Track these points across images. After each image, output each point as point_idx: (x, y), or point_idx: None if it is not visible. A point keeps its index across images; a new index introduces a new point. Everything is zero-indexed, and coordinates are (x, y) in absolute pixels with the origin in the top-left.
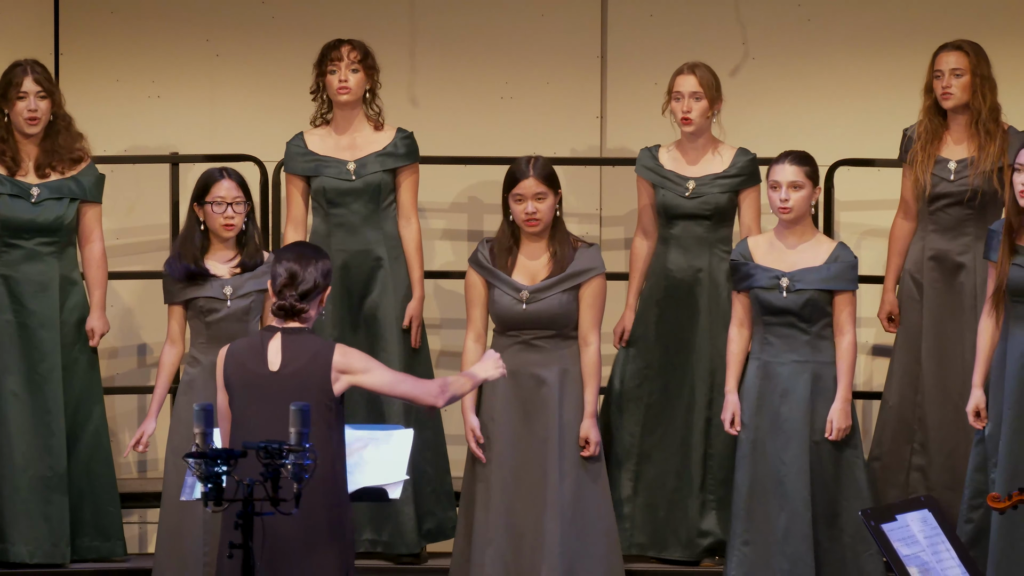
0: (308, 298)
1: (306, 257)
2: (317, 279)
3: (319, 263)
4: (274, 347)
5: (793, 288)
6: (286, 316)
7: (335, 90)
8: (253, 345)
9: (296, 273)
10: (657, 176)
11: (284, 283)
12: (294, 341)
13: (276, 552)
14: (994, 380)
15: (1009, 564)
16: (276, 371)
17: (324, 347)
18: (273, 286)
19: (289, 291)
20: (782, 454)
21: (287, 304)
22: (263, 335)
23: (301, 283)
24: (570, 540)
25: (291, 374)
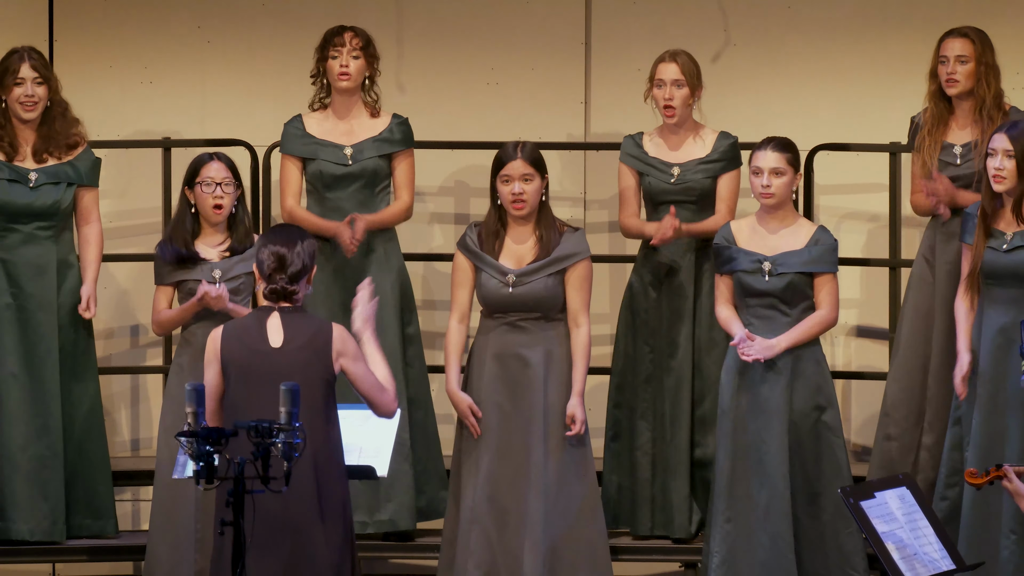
0: (297, 280)
1: (292, 240)
2: (305, 260)
3: (304, 244)
4: (274, 325)
5: (775, 271)
6: (278, 299)
7: (336, 75)
8: (250, 324)
9: (284, 256)
10: (642, 163)
11: (273, 267)
12: (293, 319)
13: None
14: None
15: (980, 540)
16: (279, 347)
17: (324, 325)
18: (261, 271)
19: (279, 275)
20: (763, 433)
21: (279, 288)
22: (259, 314)
23: (290, 266)
24: (554, 519)
25: (295, 350)
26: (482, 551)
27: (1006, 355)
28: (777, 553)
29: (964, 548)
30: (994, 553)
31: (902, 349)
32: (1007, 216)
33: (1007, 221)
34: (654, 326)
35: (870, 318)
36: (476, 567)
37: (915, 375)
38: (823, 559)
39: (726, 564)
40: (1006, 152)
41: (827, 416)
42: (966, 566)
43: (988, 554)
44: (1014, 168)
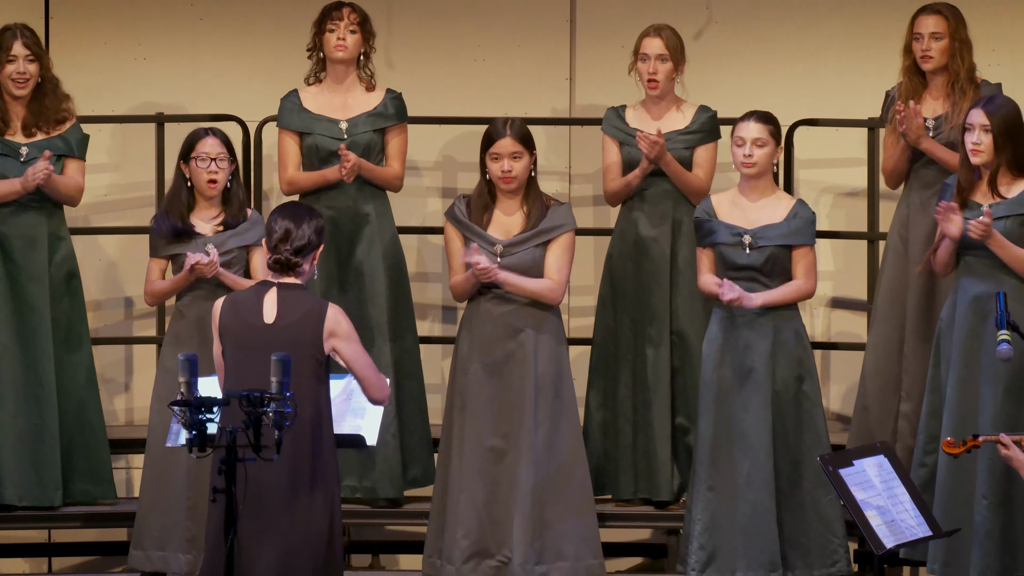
0: (302, 253)
1: (300, 215)
2: (311, 236)
3: (313, 221)
4: (269, 300)
5: (755, 244)
6: (281, 270)
7: (332, 47)
8: (249, 298)
9: (291, 230)
10: (623, 134)
11: (280, 238)
12: (289, 296)
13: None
14: (944, 329)
15: (955, 506)
16: (271, 324)
17: (318, 305)
18: (268, 242)
19: (284, 246)
20: (745, 404)
21: (283, 258)
22: (258, 289)
23: (296, 239)
24: (542, 487)
25: (285, 327)
26: (470, 520)
27: (981, 325)
28: (758, 520)
29: (940, 514)
30: (969, 518)
31: (879, 320)
32: (983, 188)
33: (983, 193)
34: (633, 296)
35: (848, 290)
36: (464, 536)
37: (892, 345)
38: (803, 526)
39: (708, 531)
40: (983, 127)
41: (807, 386)
42: (942, 532)
43: (963, 520)
44: (991, 142)
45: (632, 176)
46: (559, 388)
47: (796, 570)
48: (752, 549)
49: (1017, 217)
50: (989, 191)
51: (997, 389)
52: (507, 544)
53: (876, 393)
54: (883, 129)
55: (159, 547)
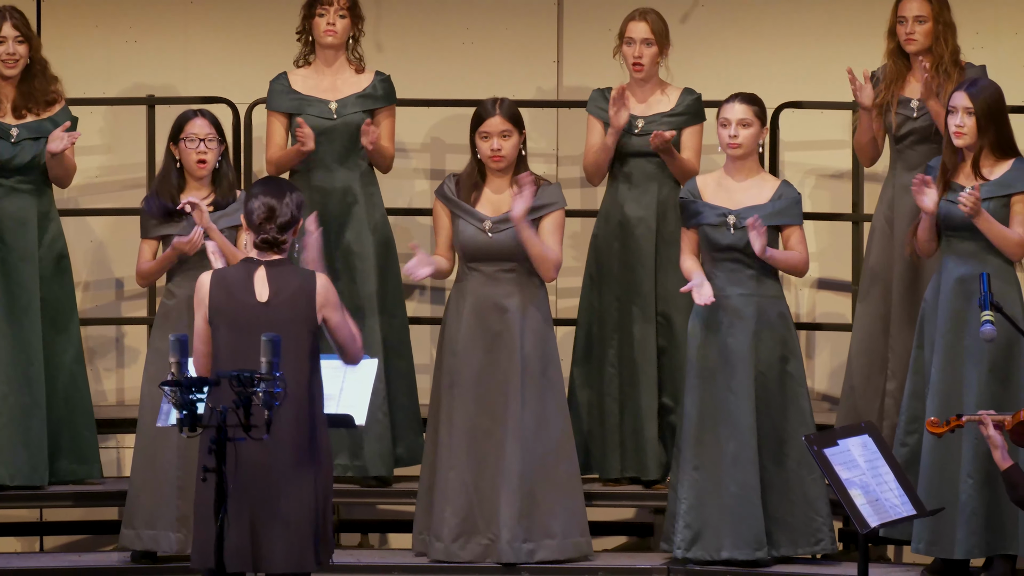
0: (286, 230)
1: (280, 191)
2: (293, 211)
3: (293, 195)
4: (260, 278)
5: (740, 225)
6: (268, 249)
7: (322, 32)
8: (238, 276)
9: (274, 207)
10: (607, 114)
11: (264, 217)
12: (279, 273)
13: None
14: (927, 310)
15: (939, 484)
16: (265, 301)
17: (307, 277)
18: (250, 221)
19: (269, 224)
20: (730, 383)
21: (269, 237)
22: (246, 267)
23: (279, 216)
24: (530, 465)
25: (281, 304)
26: (459, 497)
27: (965, 306)
28: (744, 500)
29: (924, 493)
30: (953, 497)
31: (864, 300)
32: (967, 170)
33: (966, 175)
34: (619, 276)
35: (833, 271)
36: (453, 514)
37: (877, 325)
38: (788, 505)
39: (694, 510)
40: (966, 109)
41: (791, 366)
42: (926, 511)
43: (947, 498)
44: (974, 124)
45: (607, 137)
46: (546, 367)
47: (781, 548)
48: (737, 527)
49: (1000, 199)
50: (972, 173)
51: (981, 369)
52: (495, 522)
53: (862, 373)
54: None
55: (150, 526)
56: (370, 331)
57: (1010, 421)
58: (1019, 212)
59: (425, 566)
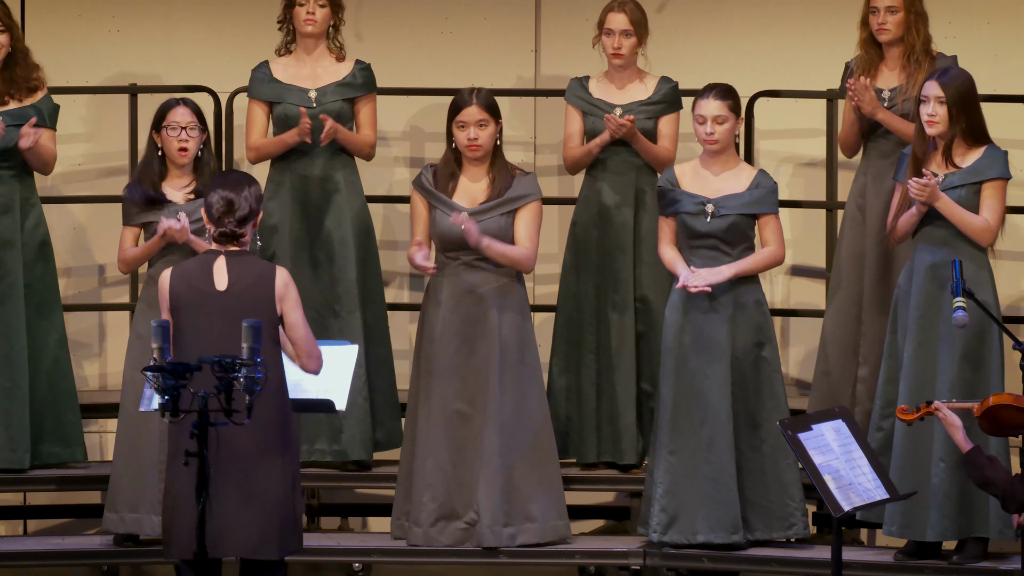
0: (245, 223)
1: (239, 184)
2: (252, 204)
3: (251, 188)
4: (219, 268)
5: (717, 213)
6: (227, 241)
7: (302, 21)
8: (197, 268)
9: (232, 200)
10: (586, 103)
11: (222, 211)
12: (238, 263)
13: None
14: (901, 296)
15: (912, 468)
16: (224, 290)
17: (268, 268)
18: (210, 215)
19: (228, 218)
20: (706, 369)
21: (228, 231)
22: (206, 257)
23: (238, 210)
24: (509, 450)
25: (239, 293)
26: (438, 483)
27: (938, 293)
28: (719, 484)
29: (897, 477)
30: (926, 481)
31: (837, 287)
32: (938, 158)
33: (938, 163)
34: (597, 263)
35: (807, 258)
36: (432, 499)
37: (850, 311)
38: (763, 489)
39: (670, 494)
40: (938, 99)
41: (766, 352)
42: (899, 495)
43: (920, 482)
44: (946, 113)
45: (593, 144)
46: (523, 354)
47: (756, 532)
48: (713, 511)
49: (971, 186)
50: (944, 161)
51: (954, 355)
52: (473, 506)
53: (836, 358)
54: (842, 100)
55: (132, 509)
56: (350, 317)
57: (979, 408)
58: (988, 198)
59: (405, 549)
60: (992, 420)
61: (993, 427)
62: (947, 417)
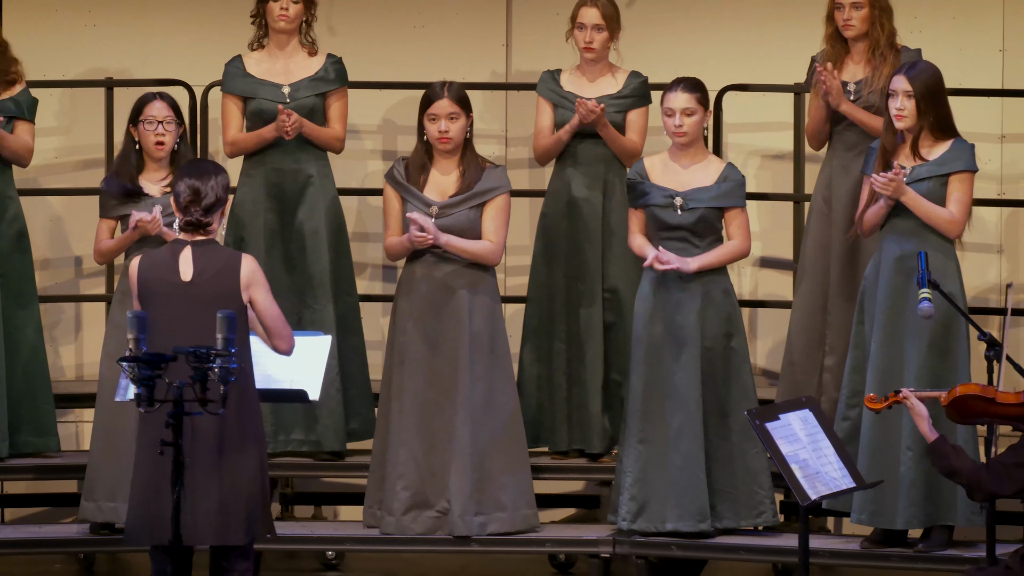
0: (211, 212)
1: (206, 174)
2: (219, 193)
3: (219, 178)
4: (185, 258)
5: (686, 206)
6: (193, 230)
7: (275, 17)
8: (165, 257)
9: (199, 189)
10: (557, 96)
11: (189, 200)
12: (204, 253)
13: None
14: (868, 287)
15: (879, 457)
16: (189, 281)
17: (233, 257)
18: (177, 203)
19: (194, 207)
20: (675, 359)
21: (194, 219)
22: (173, 247)
23: (204, 198)
24: (480, 440)
25: (204, 283)
26: (410, 472)
27: (904, 284)
28: (688, 472)
29: (864, 466)
30: (893, 469)
31: (804, 278)
32: (906, 151)
33: (906, 156)
34: (566, 254)
35: (775, 249)
36: (404, 488)
37: (816, 302)
38: (731, 478)
39: (640, 483)
40: (906, 93)
41: (735, 342)
42: (865, 484)
43: (887, 471)
44: (913, 107)
45: (562, 131)
46: (494, 344)
47: (724, 520)
48: (682, 499)
49: (939, 178)
50: (911, 154)
51: (920, 345)
52: (445, 495)
53: (802, 348)
54: (808, 94)
55: (109, 498)
56: (323, 308)
57: (946, 397)
58: (955, 191)
59: (377, 538)
60: (959, 409)
61: (960, 416)
62: (914, 407)
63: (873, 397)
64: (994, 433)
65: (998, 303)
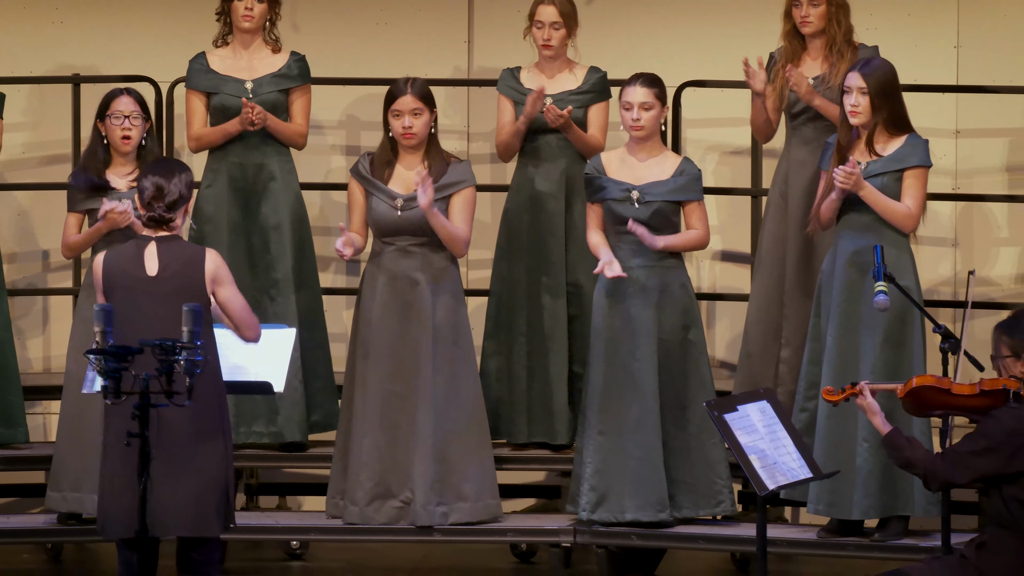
0: (175, 208)
1: (171, 171)
2: (182, 190)
3: (183, 175)
4: (150, 254)
5: (643, 200)
6: (156, 226)
7: (240, 16)
8: (129, 253)
9: (162, 186)
10: (517, 93)
11: (152, 196)
12: (168, 248)
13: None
14: (824, 281)
15: (837, 447)
16: (154, 276)
17: (197, 252)
18: (141, 199)
19: (157, 203)
20: (634, 351)
21: (156, 215)
22: (138, 243)
23: (167, 195)
24: (443, 431)
25: (169, 277)
26: (373, 463)
27: (861, 278)
28: (647, 463)
29: (821, 457)
30: (850, 460)
31: (761, 271)
32: (861, 147)
33: (861, 151)
34: (529, 248)
35: (733, 243)
36: (368, 478)
37: (773, 295)
38: (690, 468)
39: (599, 473)
40: (860, 89)
41: (692, 335)
42: (822, 474)
43: (844, 462)
44: (868, 103)
45: (520, 122)
46: (457, 337)
47: (683, 509)
48: (641, 490)
49: (893, 173)
50: (866, 149)
51: (876, 338)
52: (408, 486)
53: (759, 341)
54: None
55: (75, 488)
56: (286, 302)
57: (902, 389)
58: (910, 186)
59: (341, 527)
60: (915, 401)
61: (916, 407)
62: (868, 406)
63: (830, 390)
64: (950, 424)
65: (952, 296)
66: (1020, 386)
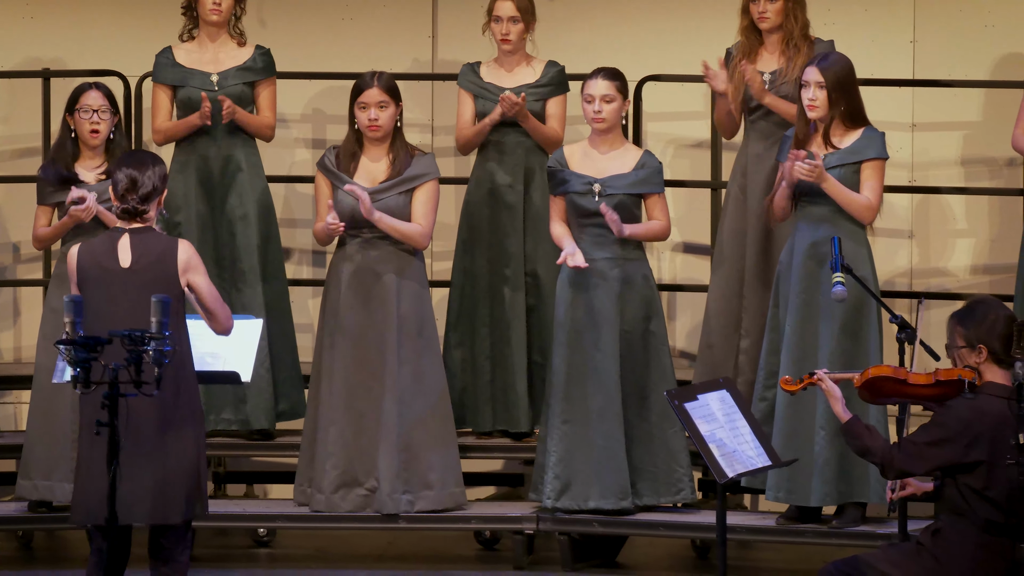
0: (148, 200)
1: (144, 163)
2: (155, 183)
3: (156, 168)
4: (123, 245)
5: (605, 192)
6: (130, 218)
7: (207, 10)
8: (103, 244)
9: (136, 178)
10: (477, 87)
11: (126, 188)
12: (141, 240)
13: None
14: (783, 272)
15: (794, 437)
16: (128, 267)
17: (170, 244)
18: (115, 191)
19: (131, 195)
20: (596, 342)
21: (130, 207)
22: (111, 235)
23: (141, 187)
24: (408, 420)
25: (142, 269)
26: (339, 451)
27: (818, 269)
28: (610, 451)
29: (780, 445)
30: (807, 448)
31: (720, 263)
32: (818, 140)
33: (818, 144)
34: (489, 240)
35: (693, 235)
36: (333, 467)
37: (732, 286)
38: (651, 456)
39: (563, 462)
40: (818, 83)
41: (654, 325)
42: (780, 462)
43: (802, 450)
44: (825, 97)
45: (484, 123)
46: (422, 328)
47: (644, 497)
48: (604, 478)
49: (851, 166)
50: (823, 143)
51: (833, 329)
52: (373, 474)
53: (719, 331)
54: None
55: (45, 476)
56: (253, 293)
57: (859, 378)
58: (868, 178)
59: (307, 515)
60: (871, 390)
61: (872, 396)
62: (829, 389)
63: (788, 379)
64: (906, 413)
65: (908, 287)
66: (975, 376)
